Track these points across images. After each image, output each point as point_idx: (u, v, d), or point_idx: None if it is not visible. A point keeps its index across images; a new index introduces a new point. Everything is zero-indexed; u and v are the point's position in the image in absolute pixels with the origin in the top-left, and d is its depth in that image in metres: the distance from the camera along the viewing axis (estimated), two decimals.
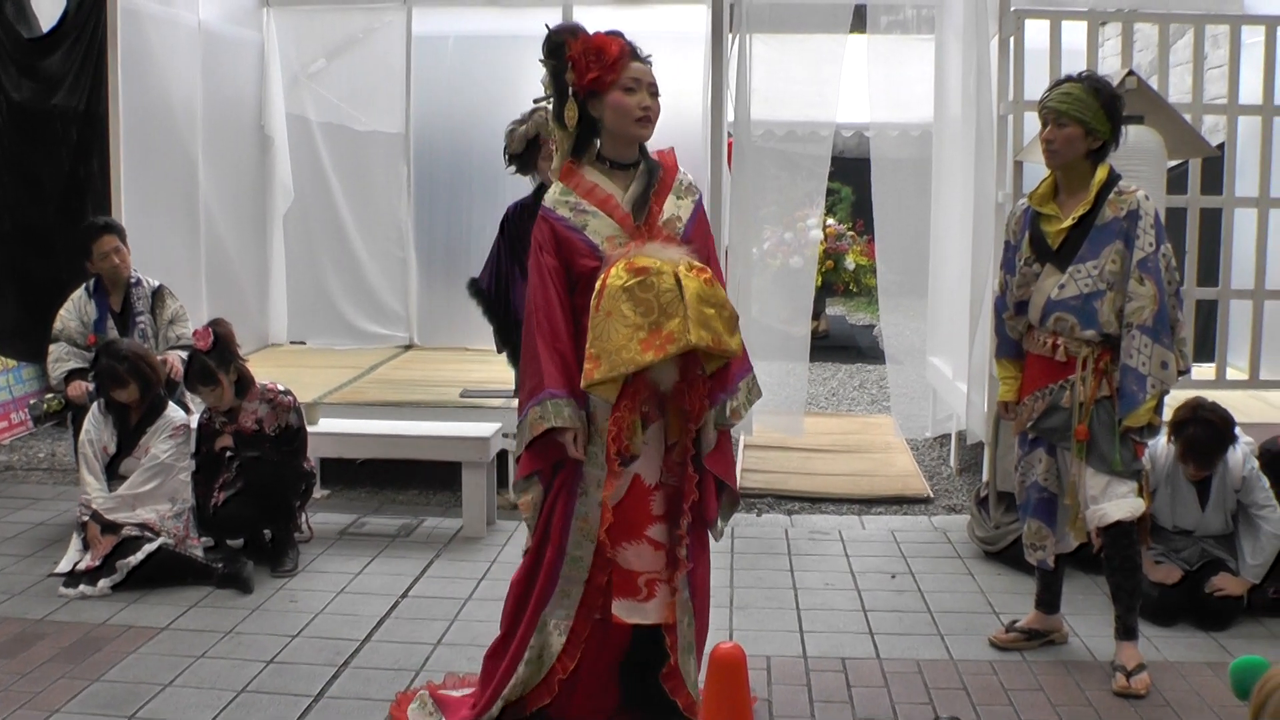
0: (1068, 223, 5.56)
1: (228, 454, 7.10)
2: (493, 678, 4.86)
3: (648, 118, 4.65)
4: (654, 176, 4.77)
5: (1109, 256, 5.48)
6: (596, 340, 4.45)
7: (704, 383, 4.66)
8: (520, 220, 6.93)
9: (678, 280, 4.43)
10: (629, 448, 4.61)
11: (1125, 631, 5.66)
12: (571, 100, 4.65)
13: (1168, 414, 6.10)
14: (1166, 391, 5.54)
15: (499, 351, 7.16)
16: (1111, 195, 5.51)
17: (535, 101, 4.98)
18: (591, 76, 4.56)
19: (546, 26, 4.74)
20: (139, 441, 6.95)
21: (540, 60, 4.75)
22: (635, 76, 4.61)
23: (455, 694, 5.16)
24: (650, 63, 4.70)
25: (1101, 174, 5.54)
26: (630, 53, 4.64)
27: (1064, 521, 5.84)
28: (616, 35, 4.64)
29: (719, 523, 4.89)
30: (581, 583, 4.72)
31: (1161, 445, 6.44)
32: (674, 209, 4.75)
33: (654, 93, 4.67)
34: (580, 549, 4.71)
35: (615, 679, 4.98)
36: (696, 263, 4.55)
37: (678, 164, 4.89)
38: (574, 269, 4.66)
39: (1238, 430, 6.41)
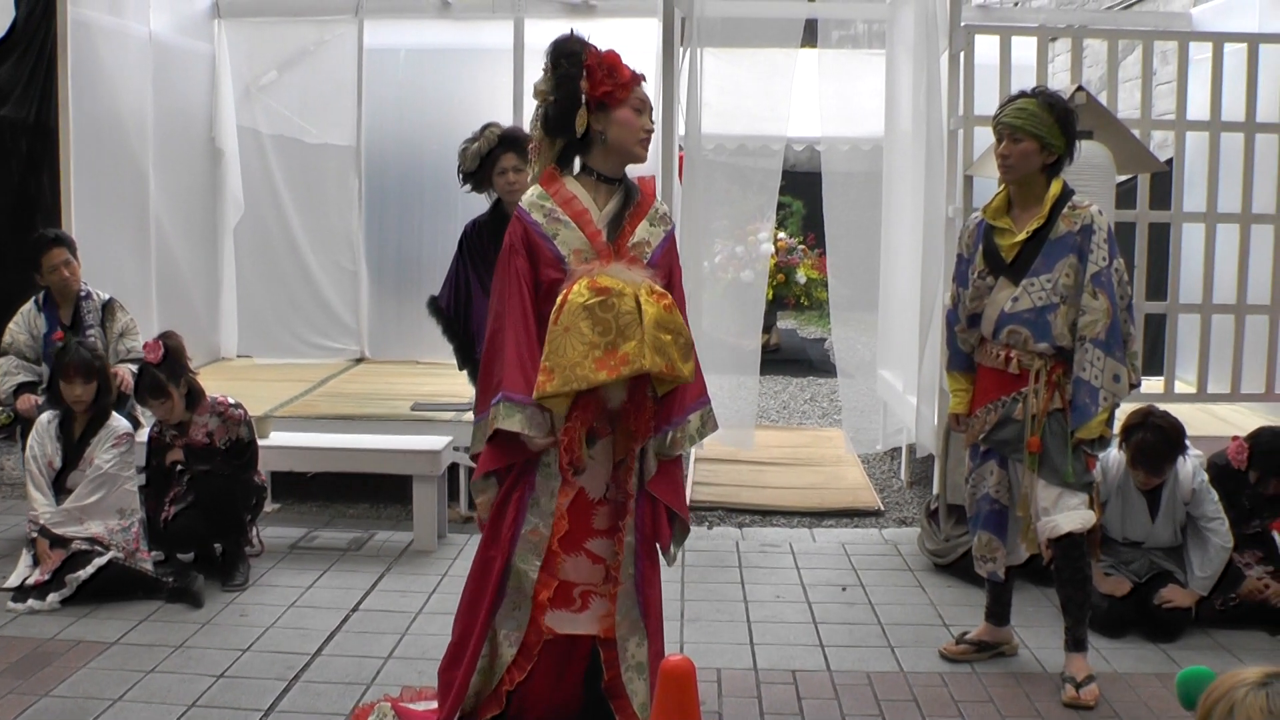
0: (1021, 236, 5.61)
1: (178, 468, 7.07)
2: (450, 689, 4.84)
3: (648, 139, 4.74)
4: (632, 198, 4.81)
5: (1063, 270, 5.52)
6: (552, 354, 4.47)
7: (651, 404, 4.71)
8: (478, 238, 6.93)
9: (638, 303, 4.48)
10: (579, 460, 4.63)
11: (1075, 643, 5.70)
12: (584, 108, 4.66)
13: (1118, 426, 6.16)
14: (1118, 404, 5.59)
15: (460, 369, 7.14)
16: (1065, 209, 5.57)
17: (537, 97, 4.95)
18: (605, 90, 4.61)
19: (574, 32, 4.77)
20: (84, 454, 6.91)
21: (550, 65, 4.74)
22: (642, 99, 4.70)
23: (417, 707, 5.14)
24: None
25: (1055, 188, 5.59)
26: (638, 77, 4.72)
27: (1015, 533, 5.88)
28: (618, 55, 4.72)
29: (671, 548, 4.92)
30: (529, 597, 4.72)
31: (1113, 456, 6.49)
32: (645, 234, 4.79)
33: (653, 118, 4.79)
34: (526, 562, 4.70)
35: (578, 693, 4.98)
36: (658, 287, 4.61)
37: (655, 193, 4.94)
38: (538, 275, 4.68)
39: (1187, 442, 6.46)
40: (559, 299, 4.53)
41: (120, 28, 9.51)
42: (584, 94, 4.63)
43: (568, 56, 4.69)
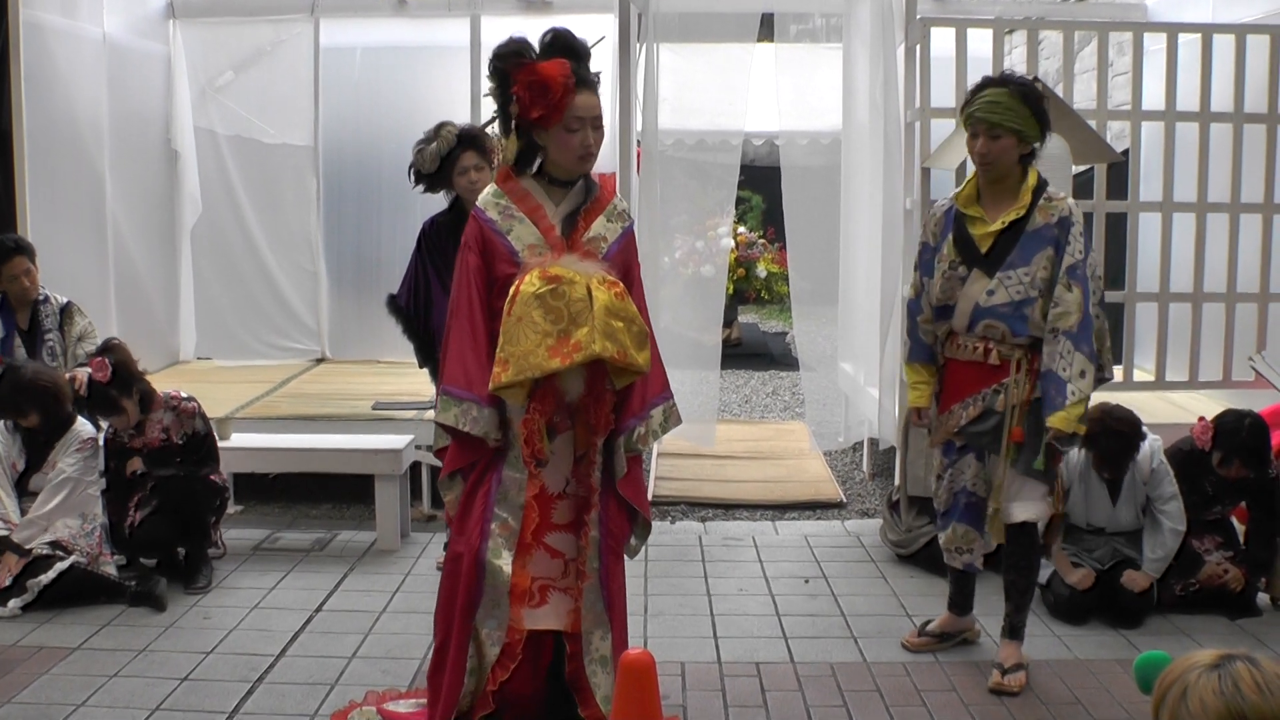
0: (996, 226, 5.49)
1: (139, 475, 7.03)
2: (440, 694, 4.83)
3: (589, 154, 4.69)
4: (590, 195, 4.83)
5: (1040, 264, 5.42)
6: (507, 344, 4.50)
7: (610, 397, 4.73)
8: (437, 235, 6.88)
9: (589, 291, 4.49)
10: (540, 451, 4.64)
11: (1012, 630, 5.74)
12: (514, 135, 4.66)
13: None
14: (1088, 400, 5.47)
15: (421, 367, 7.11)
16: (1041, 201, 5.47)
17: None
18: (537, 115, 4.56)
19: (512, 40, 4.67)
20: (48, 457, 6.87)
21: (489, 89, 4.72)
22: (579, 115, 4.59)
23: (402, 707, 5.14)
24: (597, 83, 4.70)
25: (1032, 179, 5.49)
26: (573, 87, 4.57)
27: (985, 522, 5.87)
28: (561, 62, 4.59)
29: (633, 541, 4.97)
30: (506, 593, 4.72)
31: None
32: (602, 229, 4.80)
33: (596, 126, 4.68)
34: (499, 557, 4.70)
35: (542, 685, 4.98)
36: (610, 277, 4.62)
37: (615, 190, 4.95)
38: (493, 271, 4.70)
39: (1145, 429, 6.51)
40: (511, 290, 4.56)
41: (74, 29, 9.45)
42: (514, 119, 4.63)
43: (499, 77, 4.65)
